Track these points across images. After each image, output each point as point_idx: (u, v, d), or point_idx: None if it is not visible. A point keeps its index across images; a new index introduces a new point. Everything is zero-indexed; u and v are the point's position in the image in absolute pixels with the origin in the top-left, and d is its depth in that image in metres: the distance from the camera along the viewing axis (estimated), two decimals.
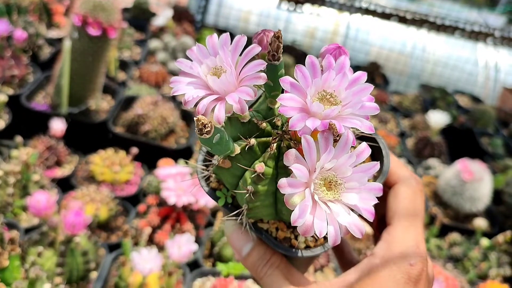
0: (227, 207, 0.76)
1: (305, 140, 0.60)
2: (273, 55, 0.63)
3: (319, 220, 0.59)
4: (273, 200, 0.70)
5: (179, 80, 0.67)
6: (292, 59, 4.28)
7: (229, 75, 0.63)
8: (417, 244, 0.73)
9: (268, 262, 0.76)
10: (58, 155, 2.61)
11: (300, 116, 0.59)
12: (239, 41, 0.65)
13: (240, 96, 0.62)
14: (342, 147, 0.61)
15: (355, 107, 0.61)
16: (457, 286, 2.41)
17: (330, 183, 0.62)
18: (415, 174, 0.82)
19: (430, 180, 3.37)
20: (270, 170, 0.68)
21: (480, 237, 2.85)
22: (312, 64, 0.62)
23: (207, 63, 0.66)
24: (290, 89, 0.61)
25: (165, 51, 3.91)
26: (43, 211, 1.90)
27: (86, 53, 2.63)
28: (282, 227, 0.77)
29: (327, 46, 0.71)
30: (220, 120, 0.62)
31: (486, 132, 4.25)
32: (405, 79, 5.23)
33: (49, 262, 1.90)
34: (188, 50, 0.67)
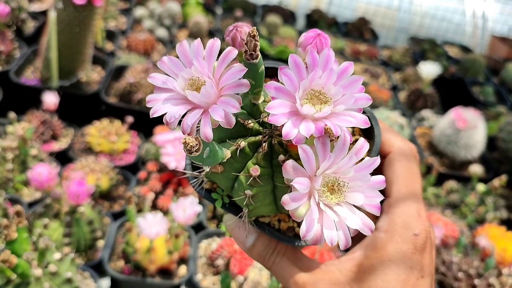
0: (225, 207, 0.74)
1: (302, 150, 0.57)
2: (251, 55, 0.60)
3: (328, 229, 0.58)
4: (272, 198, 0.69)
5: (155, 98, 0.62)
6: (280, 19, 4.23)
7: (209, 87, 0.58)
8: (418, 212, 0.73)
9: (274, 251, 0.75)
10: (53, 129, 2.59)
11: (292, 123, 0.57)
12: (212, 47, 0.61)
13: (225, 109, 0.58)
14: (340, 149, 0.59)
15: (347, 103, 0.59)
16: (456, 231, 2.47)
17: (333, 186, 0.60)
18: (407, 140, 0.81)
19: (424, 131, 3.40)
20: (265, 170, 0.66)
21: (476, 183, 2.90)
22: (296, 64, 0.59)
23: (183, 75, 0.61)
24: (276, 94, 0.58)
25: (151, 18, 3.85)
26: (45, 183, 1.90)
27: (73, 24, 2.58)
28: (284, 218, 0.76)
29: (306, 34, 0.67)
30: (208, 136, 0.57)
31: (477, 81, 4.27)
32: (394, 33, 5.20)
33: (56, 233, 1.92)
34: (159, 62, 0.62)
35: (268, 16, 4.27)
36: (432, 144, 3.25)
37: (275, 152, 0.67)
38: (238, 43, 0.66)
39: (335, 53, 2.81)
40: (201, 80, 0.60)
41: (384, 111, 3.12)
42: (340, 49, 4.22)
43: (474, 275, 2.25)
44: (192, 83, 0.61)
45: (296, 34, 4.27)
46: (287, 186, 0.64)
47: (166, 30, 3.81)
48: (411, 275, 0.69)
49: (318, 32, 0.66)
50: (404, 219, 0.72)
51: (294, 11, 4.83)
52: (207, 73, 0.60)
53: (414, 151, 0.80)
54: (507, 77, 4.31)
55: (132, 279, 1.93)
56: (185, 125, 0.58)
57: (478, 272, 2.26)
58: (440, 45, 4.72)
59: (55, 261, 1.62)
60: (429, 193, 2.82)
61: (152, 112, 0.60)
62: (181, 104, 0.60)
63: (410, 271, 0.69)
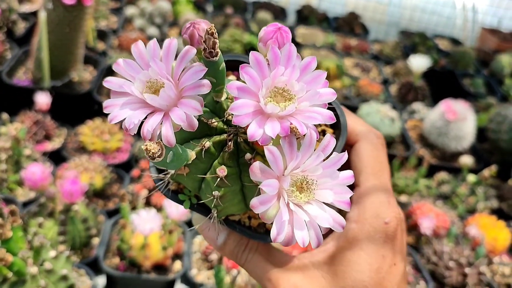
0: (194, 208, 0.73)
1: (269, 152, 0.56)
2: (210, 52, 0.58)
3: (299, 230, 0.57)
4: (241, 196, 0.68)
5: (113, 104, 0.59)
6: (270, 15, 4.24)
7: (169, 89, 0.56)
8: (388, 200, 0.73)
9: (246, 248, 0.75)
10: (46, 129, 2.60)
11: (257, 123, 0.55)
12: (169, 47, 0.58)
13: (186, 111, 0.56)
14: (307, 147, 0.58)
15: (312, 99, 0.58)
16: (447, 221, 2.50)
17: (302, 185, 0.59)
18: (373, 128, 0.80)
19: (415, 123, 3.43)
20: (232, 169, 0.65)
21: (467, 174, 2.94)
22: (258, 62, 0.57)
23: (140, 78, 0.58)
24: (239, 94, 0.56)
25: (142, 17, 3.86)
26: (39, 182, 1.92)
27: (63, 24, 2.59)
28: (254, 215, 0.75)
29: (266, 28, 0.65)
30: (170, 141, 0.55)
31: (467, 73, 4.30)
32: (384, 27, 5.23)
33: (50, 231, 1.94)
34: (114, 65, 0.59)
35: (259, 12, 4.28)
36: (423, 136, 3.28)
37: (241, 151, 0.65)
38: (196, 40, 0.64)
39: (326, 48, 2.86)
40: (159, 82, 0.58)
41: (375, 104, 3.15)
42: (331, 44, 4.25)
43: (465, 264, 2.29)
44: (150, 85, 0.58)
45: None
46: (255, 185, 0.63)
47: (157, 28, 3.82)
48: (383, 263, 0.69)
49: (279, 26, 0.64)
50: (374, 208, 0.72)
51: (284, 7, 4.85)
52: (165, 75, 0.58)
53: (381, 138, 0.79)
54: (497, 69, 4.35)
55: (128, 276, 1.96)
56: (145, 130, 0.56)
57: (469, 261, 2.30)
58: (430, 38, 4.75)
59: (50, 259, 1.64)
60: (421, 185, 2.85)
61: (110, 118, 0.57)
62: (140, 108, 0.58)
63: (382, 259, 0.69)
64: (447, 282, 2.27)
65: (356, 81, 3.77)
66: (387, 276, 0.69)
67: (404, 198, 2.82)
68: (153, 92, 0.58)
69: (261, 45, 0.65)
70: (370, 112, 3.07)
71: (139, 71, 0.59)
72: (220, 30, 4.06)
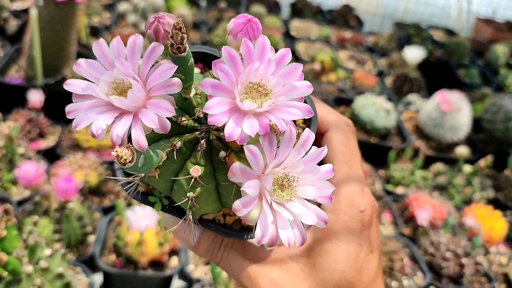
0: (165, 209, 0.71)
1: (249, 151, 0.54)
2: (178, 48, 0.55)
3: (283, 229, 0.56)
4: (216, 195, 0.66)
5: (76, 108, 0.55)
6: (264, 9, 4.23)
7: (137, 90, 0.53)
8: (361, 188, 0.73)
9: (221, 245, 0.73)
10: (40, 127, 2.59)
11: (234, 122, 0.53)
12: (134, 44, 0.55)
13: (158, 113, 0.53)
14: (287, 144, 0.56)
15: (289, 94, 0.56)
16: (443, 212, 2.50)
17: (283, 182, 0.57)
18: (343, 116, 0.79)
19: (411, 115, 3.43)
20: (206, 168, 0.62)
21: (463, 165, 2.94)
22: (231, 57, 0.54)
23: (105, 79, 0.54)
24: (213, 92, 0.53)
25: (135, 13, 3.83)
26: (33, 181, 1.91)
27: (54, 21, 2.57)
28: (229, 212, 0.73)
29: (235, 20, 0.62)
30: (143, 146, 0.52)
31: (462, 63, 4.30)
32: (379, 19, 5.22)
33: (46, 230, 1.93)
34: (74, 66, 0.55)
35: (253, 6, 4.26)
36: (418, 127, 3.28)
37: (214, 148, 0.63)
38: (162, 35, 0.60)
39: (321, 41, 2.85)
40: (126, 83, 0.54)
41: (370, 96, 3.15)
42: (325, 37, 4.23)
43: (462, 254, 2.29)
44: (116, 86, 0.55)
45: (281, 24, 4.27)
46: (232, 184, 0.61)
47: None
48: (361, 252, 0.70)
49: (248, 17, 0.61)
50: (349, 197, 0.71)
51: (278, 1, 4.83)
52: (132, 74, 0.54)
53: (351, 126, 0.78)
54: (492, 59, 4.34)
55: (125, 272, 1.95)
56: (115, 136, 0.52)
57: (466, 251, 2.30)
58: (425, 30, 4.74)
59: (45, 257, 1.63)
60: (417, 176, 2.85)
61: (75, 124, 0.54)
62: (107, 111, 0.54)
63: (360, 248, 0.70)
64: (444, 272, 2.28)
65: (351, 73, 3.76)
66: (365, 264, 0.69)
67: (400, 189, 2.82)
68: (119, 94, 0.55)
69: (231, 38, 0.62)
70: (365, 104, 3.06)
71: (103, 71, 0.55)
72: (214, 25, 4.04)
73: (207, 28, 3.98)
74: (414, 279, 2.25)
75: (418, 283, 2.22)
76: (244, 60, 0.55)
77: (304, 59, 3.77)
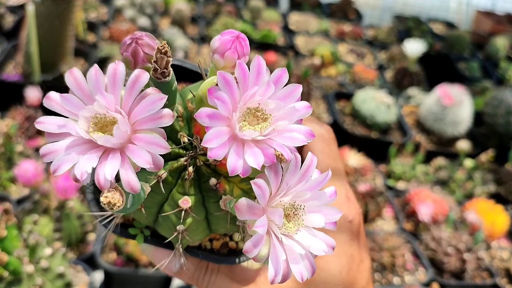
0: (148, 241, 0.66)
1: (257, 187, 0.50)
2: (163, 73, 0.52)
3: (295, 264, 0.52)
4: (206, 225, 0.62)
5: (53, 150, 0.48)
6: (263, 3, 4.20)
7: (123, 125, 0.47)
8: (346, 195, 0.72)
9: (207, 270, 0.70)
10: None
11: (236, 154, 0.49)
12: (115, 74, 0.48)
13: (150, 150, 0.47)
14: (292, 172, 0.53)
15: (290, 118, 0.52)
16: (445, 207, 2.49)
17: (288, 212, 0.54)
18: (323, 123, 0.78)
19: (411, 109, 3.41)
20: (195, 197, 0.59)
21: (464, 159, 2.92)
22: (227, 83, 0.50)
23: (84, 115, 0.48)
24: (211, 123, 0.49)
25: (132, 7, 3.80)
26: (32, 179, 1.89)
27: (51, 16, 2.54)
28: (215, 236, 0.69)
29: (220, 37, 0.58)
30: (135, 187, 0.47)
31: (462, 57, 4.28)
32: (378, 12, 5.19)
33: (46, 229, 1.92)
34: (45, 100, 0.49)
35: (251, 0, 4.23)
36: (419, 122, 3.26)
37: (203, 175, 0.59)
38: (141, 58, 0.55)
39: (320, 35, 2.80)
40: (108, 117, 0.48)
41: (371, 91, 3.13)
42: (324, 30, 4.20)
43: (464, 250, 2.28)
44: (96, 122, 0.48)
45: (279, 18, 4.24)
46: (225, 212, 0.58)
47: (148, 19, 3.77)
48: (353, 264, 0.69)
49: (236, 34, 0.57)
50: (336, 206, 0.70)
51: None
52: (117, 109, 0.48)
53: (331, 133, 0.76)
54: (492, 52, 4.32)
55: (125, 271, 1.94)
56: (102, 180, 0.46)
57: (468, 247, 2.30)
58: (425, 23, 4.72)
59: (46, 257, 1.62)
60: (418, 171, 2.84)
61: (53, 168, 0.47)
62: (88, 150, 0.48)
63: (352, 259, 0.69)
64: (446, 268, 2.27)
65: (351, 67, 3.74)
66: (358, 275, 0.69)
67: (401, 184, 2.81)
68: (100, 129, 0.49)
69: (217, 57, 0.57)
70: (365, 98, 3.04)
71: (80, 106, 0.49)
72: (212, 19, 4.01)
73: (205, 23, 3.95)
74: (416, 275, 2.24)
75: (420, 279, 2.22)
76: (239, 84, 0.51)
77: (303, 53, 3.75)
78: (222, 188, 0.59)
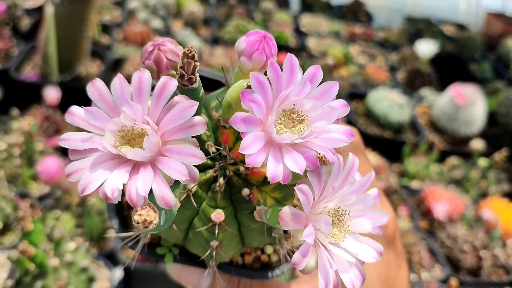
0: (178, 260, 0.63)
1: (301, 193, 0.46)
2: (190, 79, 0.48)
3: (344, 273, 0.49)
4: (239, 238, 0.59)
5: (79, 168, 0.45)
6: (274, 5, 4.23)
7: (153, 137, 0.44)
8: (380, 201, 0.67)
9: (239, 285, 0.67)
10: (56, 123, 2.60)
11: (274, 159, 0.46)
12: (141, 82, 0.45)
13: (183, 161, 0.43)
14: (336, 175, 0.49)
15: (328, 118, 0.49)
16: (460, 205, 2.50)
17: (333, 219, 0.51)
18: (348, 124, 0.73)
19: (424, 109, 3.42)
20: (227, 210, 0.56)
21: (478, 158, 2.93)
22: (261, 85, 0.46)
23: (111, 128, 0.45)
24: (247, 128, 0.45)
25: (145, 9, 3.84)
26: (55, 176, 1.92)
27: (70, 17, 2.58)
28: (246, 250, 0.67)
29: (246, 38, 0.54)
30: (170, 203, 0.43)
31: (473, 58, 4.28)
32: (388, 13, 5.20)
33: (68, 224, 1.94)
34: (67, 115, 0.46)
35: (262, 2, 4.26)
36: (432, 122, 3.27)
37: (234, 186, 0.56)
38: (165, 65, 0.52)
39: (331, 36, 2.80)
40: (136, 129, 0.45)
41: (383, 91, 3.14)
42: (336, 32, 4.23)
43: (480, 247, 2.29)
44: (124, 135, 0.45)
45: (291, 19, 4.27)
46: (260, 224, 0.55)
47: (161, 20, 3.81)
48: (391, 270, 0.67)
49: (262, 34, 0.54)
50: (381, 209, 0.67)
51: None
52: (145, 119, 0.45)
53: (357, 135, 0.72)
54: (503, 53, 4.33)
55: (145, 266, 1.96)
56: (135, 196, 0.42)
57: (483, 244, 2.30)
58: (435, 24, 4.73)
59: (70, 251, 1.65)
60: (432, 170, 2.85)
61: (82, 187, 0.43)
62: (117, 166, 0.45)
63: (389, 266, 0.67)
64: (462, 265, 2.28)
65: (363, 68, 3.76)
66: (396, 282, 0.67)
67: (415, 183, 2.82)
68: (127, 142, 0.46)
69: (244, 60, 0.54)
70: (378, 98, 3.06)
71: (104, 118, 0.45)
72: (224, 21, 4.05)
73: (217, 24, 3.98)
74: (432, 272, 2.25)
75: (436, 276, 2.23)
76: (272, 85, 0.47)
77: (316, 55, 3.77)
78: (255, 199, 0.55)
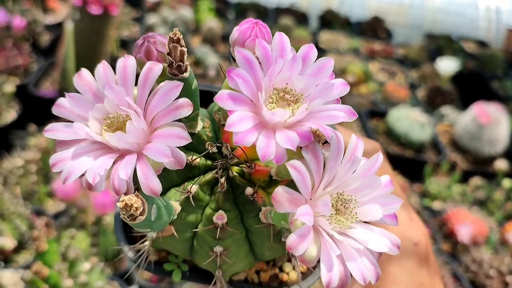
0: (187, 276, 0.60)
1: (293, 169, 0.42)
2: (179, 67, 0.46)
3: (352, 261, 0.44)
4: (248, 246, 0.55)
5: (62, 158, 0.44)
6: (292, 21, 4.21)
7: (137, 121, 0.42)
8: (409, 216, 0.65)
9: None
10: None
11: (266, 138, 0.41)
12: (125, 67, 0.44)
13: (169, 144, 0.41)
14: (336, 154, 0.45)
15: (324, 95, 0.45)
16: (484, 228, 2.42)
17: (337, 205, 0.46)
18: (366, 137, 0.70)
19: (445, 128, 3.35)
20: (232, 213, 0.52)
21: (502, 179, 2.85)
22: (247, 60, 0.43)
23: (94, 115, 0.44)
24: (234, 106, 0.42)
25: (164, 25, 3.86)
26: (71, 193, 1.90)
27: (90, 33, 2.59)
28: (262, 267, 0.62)
29: (239, 27, 0.52)
30: (155, 188, 0.40)
31: (495, 75, 4.21)
32: (407, 30, 5.16)
33: (83, 243, 1.92)
34: (54, 108, 0.46)
35: (281, 18, 4.26)
36: (454, 141, 3.20)
37: (237, 187, 0.53)
38: (155, 57, 0.51)
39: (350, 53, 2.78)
40: (122, 115, 0.44)
41: (404, 109, 3.08)
42: (355, 48, 4.19)
43: (506, 272, 2.20)
44: (110, 123, 0.44)
45: (310, 36, 4.25)
46: (266, 226, 0.51)
47: None
48: None
49: (254, 21, 0.52)
50: (397, 228, 0.60)
51: (306, 13, 4.81)
52: (128, 103, 0.43)
53: (378, 149, 0.68)
54: None
55: (160, 287, 1.92)
56: (118, 181, 0.41)
57: (510, 269, 2.22)
58: (455, 41, 4.67)
59: (85, 271, 1.62)
60: (454, 191, 2.77)
61: (64, 177, 0.43)
62: (102, 154, 0.43)
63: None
64: None
65: (383, 86, 3.71)
66: None
67: (437, 204, 2.74)
68: (114, 131, 0.43)
69: (237, 49, 0.51)
70: (399, 117, 3.00)
71: (89, 106, 0.45)
72: None
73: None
74: None
75: None
76: (262, 63, 0.45)
77: (335, 72, 3.72)
78: (260, 199, 0.52)
